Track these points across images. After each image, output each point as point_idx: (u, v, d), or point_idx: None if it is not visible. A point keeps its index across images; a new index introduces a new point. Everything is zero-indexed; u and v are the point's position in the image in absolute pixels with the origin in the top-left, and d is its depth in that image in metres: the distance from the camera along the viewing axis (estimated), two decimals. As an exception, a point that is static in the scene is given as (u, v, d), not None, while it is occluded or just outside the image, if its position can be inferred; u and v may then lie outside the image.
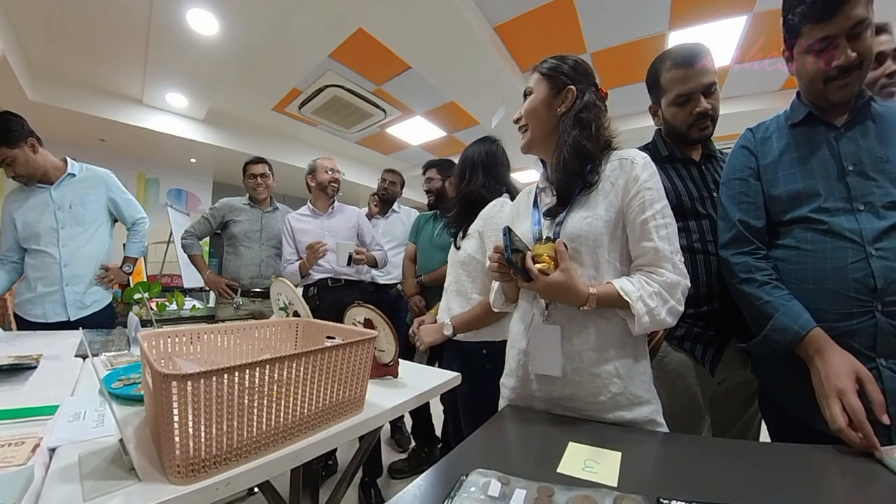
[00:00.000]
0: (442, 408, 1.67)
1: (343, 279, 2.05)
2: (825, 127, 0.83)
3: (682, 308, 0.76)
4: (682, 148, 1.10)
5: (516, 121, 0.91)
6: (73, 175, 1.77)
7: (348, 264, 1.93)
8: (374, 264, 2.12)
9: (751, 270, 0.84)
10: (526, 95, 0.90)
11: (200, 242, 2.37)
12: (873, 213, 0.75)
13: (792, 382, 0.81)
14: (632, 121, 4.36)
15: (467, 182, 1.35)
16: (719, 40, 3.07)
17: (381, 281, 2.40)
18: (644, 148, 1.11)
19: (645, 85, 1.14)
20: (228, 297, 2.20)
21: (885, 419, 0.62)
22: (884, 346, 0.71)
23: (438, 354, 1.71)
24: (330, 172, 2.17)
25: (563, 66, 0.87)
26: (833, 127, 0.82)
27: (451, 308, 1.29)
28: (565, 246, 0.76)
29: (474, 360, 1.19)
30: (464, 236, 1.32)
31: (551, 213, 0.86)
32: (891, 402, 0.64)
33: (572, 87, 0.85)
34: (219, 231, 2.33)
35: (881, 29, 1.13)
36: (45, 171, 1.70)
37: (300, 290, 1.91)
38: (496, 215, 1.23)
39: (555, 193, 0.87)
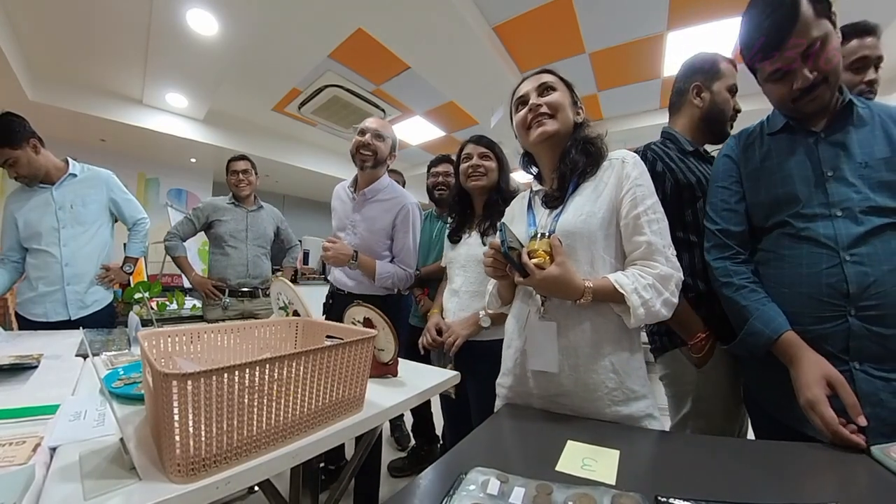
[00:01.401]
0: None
1: (345, 290, 1.66)
2: (805, 133, 0.84)
3: (676, 300, 0.77)
4: (700, 143, 1.16)
5: (538, 106, 0.88)
6: (75, 175, 1.78)
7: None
8: (371, 274, 1.56)
9: (729, 275, 0.87)
10: (545, 87, 0.90)
11: (186, 243, 2.35)
12: (851, 218, 0.75)
13: (771, 386, 0.83)
14: (629, 121, 4.39)
15: (508, 185, 1.35)
16: (717, 41, 3.07)
17: None
18: (664, 142, 1.14)
19: (693, 65, 1.17)
20: (216, 298, 2.19)
21: (862, 420, 0.63)
22: (857, 349, 0.72)
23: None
24: (360, 136, 1.56)
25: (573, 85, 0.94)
26: (812, 132, 0.83)
27: (470, 308, 1.27)
28: (560, 241, 0.77)
29: (491, 357, 1.14)
30: (487, 234, 1.31)
31: (550, 201, 0.89)
32: (865, 404, 0.66)
33: (582, 105, 0.92)
34: (203, 231, 2.32)
35: (869, 31, 1.14)
36: (46, 172, 1.71)
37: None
38: None
39: (552, 187, 0.90)
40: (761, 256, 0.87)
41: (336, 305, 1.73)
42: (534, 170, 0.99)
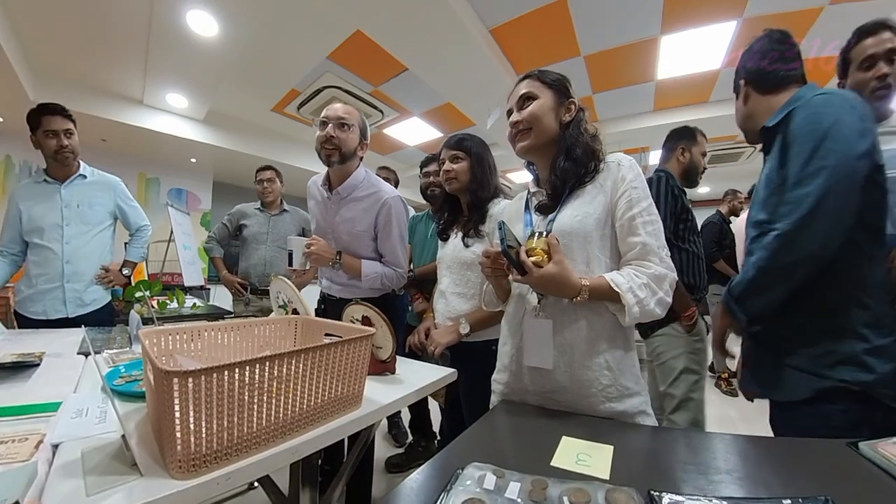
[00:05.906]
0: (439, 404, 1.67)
1: (336, 296, 1.54)
2: None
3: (669, 299, 0.78)
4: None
5: (515, 123, 0.90)
6: (84, 177, 1.82)
7: (290, 265, 1.43)
8: (356, 274, 1.43)
9: None
10: (524, 99, 0.89)
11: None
12: None
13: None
14: (624, 123, 4.41)
15: (487, 184, 1.32)
16: (710, 44, 3.10)
17: None
18: (667, 177, 1.60)
19: (681, 132, 1.75)
20: (240, 295, 2.40)
21: None
22: None
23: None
24: (321, 129, 1.39)
25: (564, 79, 0.92)
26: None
27: (456, 311, 1.28)
28: (557, 240, 0.78)
29: (482, 357, 1.16)
30: (469, 236, 1.30)
31: (543, 210, 0.89)
32: None
33: (574, 100, 0.90)
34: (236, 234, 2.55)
35: (883, 27, 1.06)
36: (76, 158, 1.79)
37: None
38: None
39: (548, 193, 0.90)
40: None
41: (328, 311, 1.67)
42: (533, 169, 1.00)
